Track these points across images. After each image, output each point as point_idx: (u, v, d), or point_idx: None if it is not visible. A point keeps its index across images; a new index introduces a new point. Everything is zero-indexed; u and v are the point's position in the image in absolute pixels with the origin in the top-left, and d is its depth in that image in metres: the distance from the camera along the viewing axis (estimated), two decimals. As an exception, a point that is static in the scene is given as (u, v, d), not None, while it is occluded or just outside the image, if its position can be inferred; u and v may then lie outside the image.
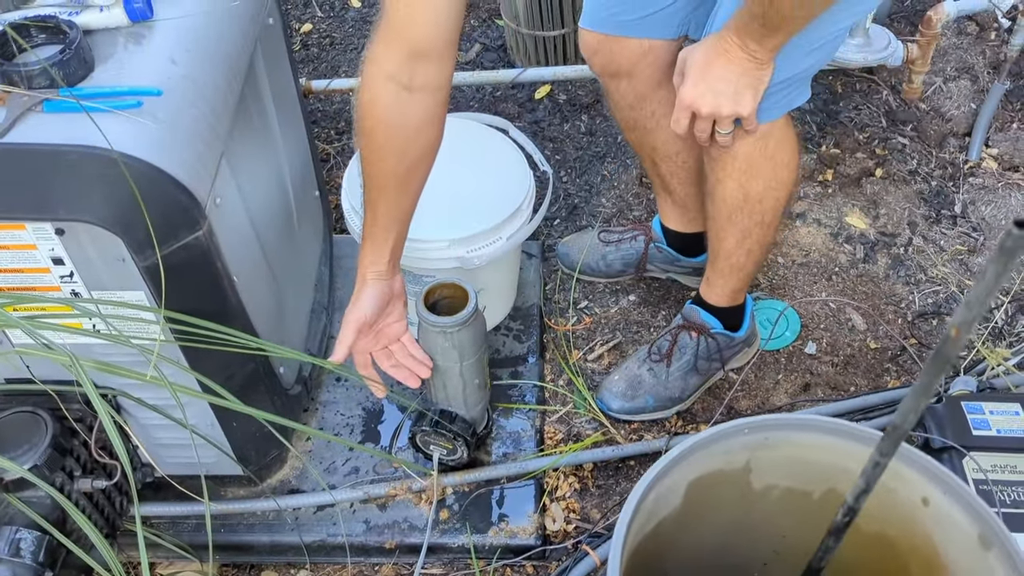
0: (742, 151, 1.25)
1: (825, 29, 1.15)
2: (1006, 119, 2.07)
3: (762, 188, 1.29)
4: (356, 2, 2.56)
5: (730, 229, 1.37)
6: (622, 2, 1.35)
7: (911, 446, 0.79)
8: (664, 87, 1.41)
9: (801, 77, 1.22)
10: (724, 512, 0.87)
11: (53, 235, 1.01)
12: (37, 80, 0.99)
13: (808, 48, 1.16)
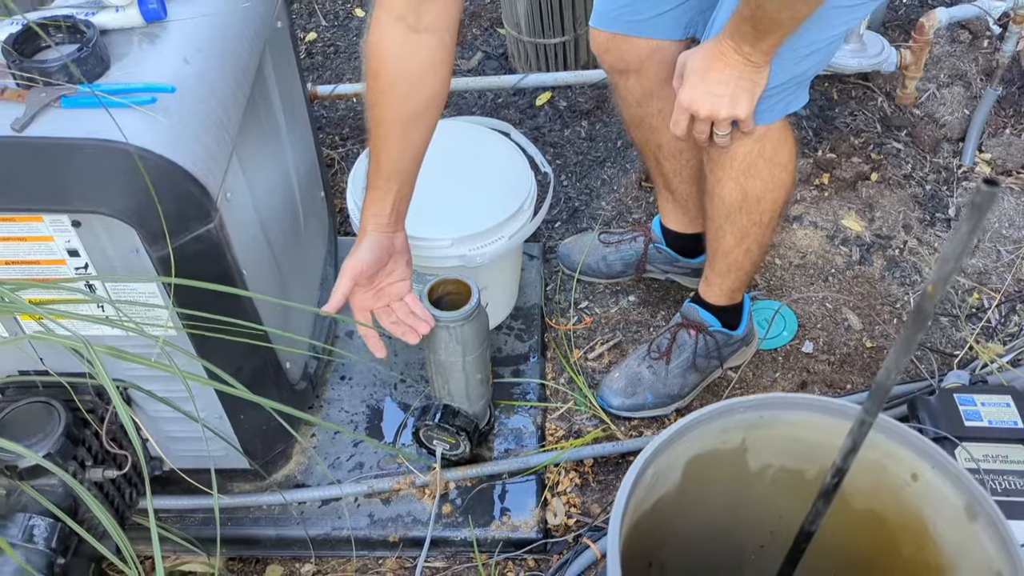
0: (741, 152, 1.29)
1: (819, 34, 1.19)
2: (999, 124, 2.11)
3: (760, 188, 1.32)
4: (360, 11, 2.60)
5: (729, 228, 1.40)
6: (632, 3, 1.39)
7: (912, 437, 0.82)
8: (671, 85, 1.44)
9: (797, 81, 1.25)
10: (721, 492, 0.90)
11: (69, 227, 1.04)
12: (55, 77, 1.03)
13: (802, 52, 1.20)
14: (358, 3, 2.64)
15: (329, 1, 2.66)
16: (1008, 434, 1.22)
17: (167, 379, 1.26)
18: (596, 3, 1.45)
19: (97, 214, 1.02)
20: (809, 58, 1.22)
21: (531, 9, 2.10)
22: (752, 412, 0.82)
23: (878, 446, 0.81)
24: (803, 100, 1.29)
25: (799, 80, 1.25)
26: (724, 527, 0.85)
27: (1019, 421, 1.23)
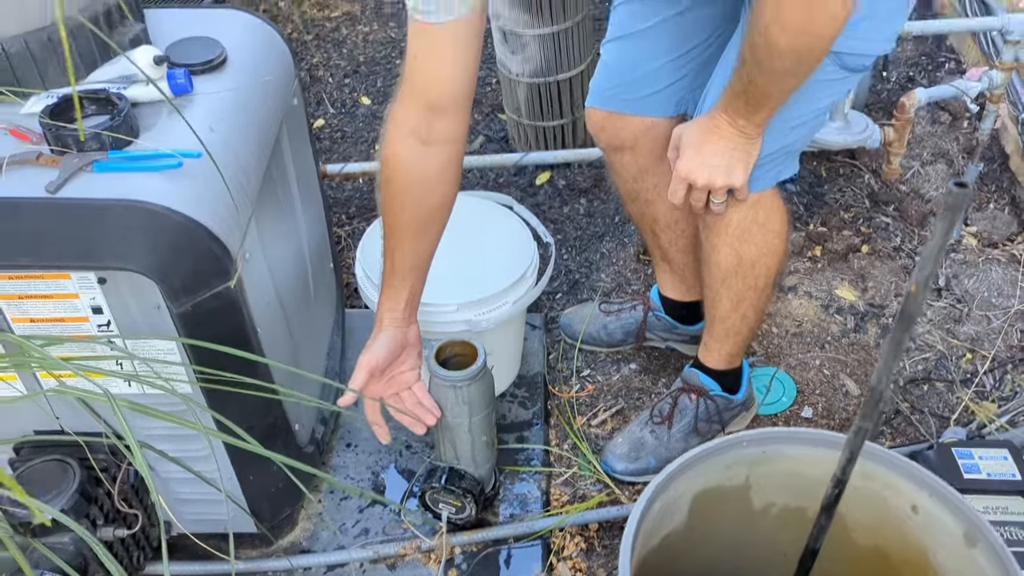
0: (735, 218, 1.35)
1: (805, 107, 1.26)
2: (983, 200, 2.19)
3: (754, 253, 1.38)
4: (366, 99, 2.72)
5: (725, 293, 1.45)
6: (626, 83, 1.47)
7: (909, 467, 0.85)
8: (665, 161, 1.51)
9: (787, 151, 1.33)
10: (727, 530, 0.92)
11: (95, 284, 1.09)
12: (88, 144, 1.09)
13: (791, 124, 1.27)
14: (364, 92, 2.76)
15: (336, 90, 2.78)
16: (1007, 486, 1.24)
17: (179, 439, 1.29)
18: (592, 84, 1.54)
19: (122, 271, 1.06)
20: (797, 129, 1.30)
21: (531, 94, 2.20)
22: (755, 447, 0.85)
23: (877, 477, 0.84)
24: (793, 169, 1.36)
25: (788, 150, 1.32)
26: (730, 567, 0.87)
27: (1017, 473, 1.25)
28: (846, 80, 1.24)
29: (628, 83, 1.48)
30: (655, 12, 1.42)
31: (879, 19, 1.17)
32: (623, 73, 1.48)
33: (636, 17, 1.43)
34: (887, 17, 1.18)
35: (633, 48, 1.45)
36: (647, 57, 1.45)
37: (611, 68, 1.50)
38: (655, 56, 1.44)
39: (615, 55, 1.48)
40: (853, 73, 1.22)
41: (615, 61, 1.49)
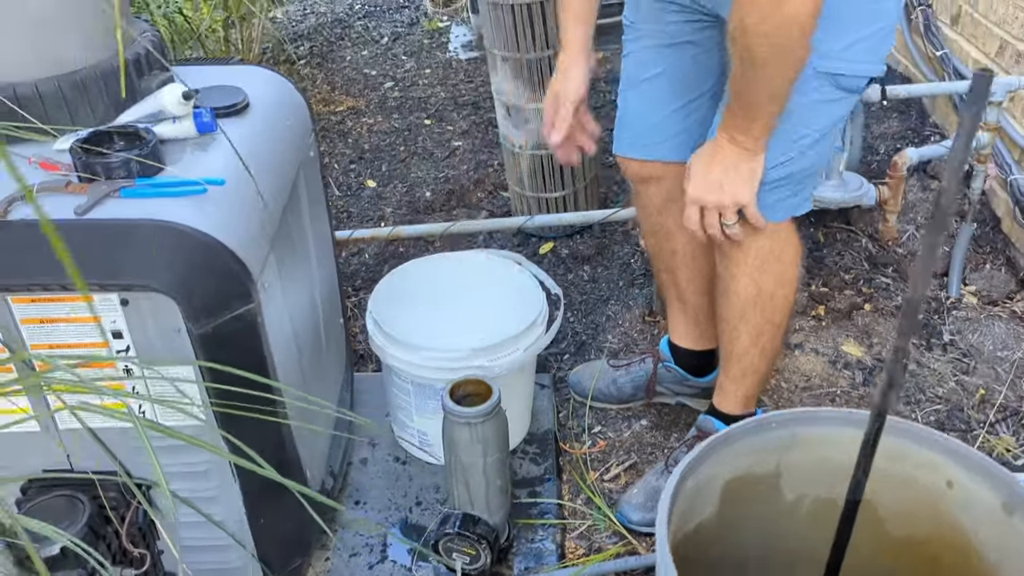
0: (753, 247, 1.38)
1: (806, 127, 1.30)
2: (979, 261, 2.23)
3: (772, 284, 1.40)
4: (371, 182, 2.80)
5: (743, 328, 1.46)
6: (639, 132, 1.54)
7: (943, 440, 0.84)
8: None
9: (797, 179, 1.35)
10: (759, 523, 0.90)
11: (118, 306, 1.10)
12: (116, 172, 1.13)
13: (797, 145, 1.31)
14: (369, 176, 2.84)
15: (343, 175, 2.86)
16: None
17: (190, 477, 1.27)
18: (615, 132, 1.60)
19: (145, 291, 1.08)
20: (805, 154, 1.33)
21: (533, 166, 2.27)
22: (784, 429, 0.85)
23: (908, 456, 0.83)
24: (806, 206, 1.40)
25: (798, 177, 1.35)
26: (761, 562, 0.85)
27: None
28: (843, 102, 1.29)
29: (641, 132, 1.54)
30: (656, 63, 1.49)
31: (872, 40, 1.23)
32: (635, 123, 1.54)
33: (642, 67, 1.50)
34: (880, 39, 1.25)
35: (641, 98, 1.52)
36: (654, 107, 1.51)
37: (624, 118, 1.56)
38: (662, 105, 1.51)
39: (627, 105, 1.55)
40: (849, 94, 1.27)
41: (627, 111, 1.55)
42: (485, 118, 3.07)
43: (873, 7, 1.24)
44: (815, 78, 1.23)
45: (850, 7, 1.21)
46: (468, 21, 3.83)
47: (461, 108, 3.18)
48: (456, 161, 2.85)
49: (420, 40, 3.84)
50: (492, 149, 2.86)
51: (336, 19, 4.19)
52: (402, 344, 1.56)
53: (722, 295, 1.45)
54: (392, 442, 1.78)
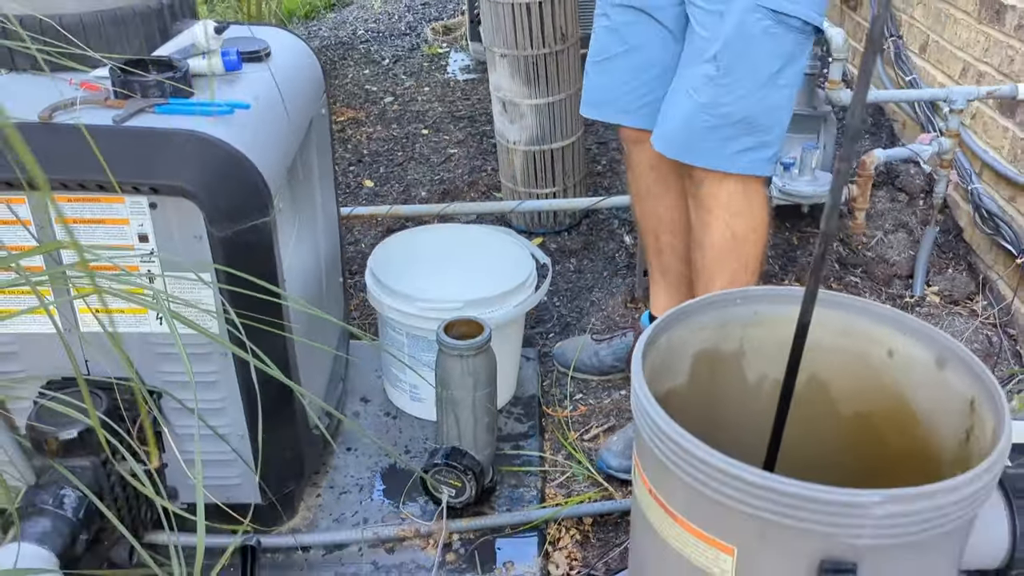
0: (724, 193, 1.50)
1: (760, 64, 1.42)
2: (942, 265, 2.36)
3: (745, 228, 1.52)
4: (369, 182, 2.92)
5: (719, 273, 1.57)
6: (614, 100, 1.66)
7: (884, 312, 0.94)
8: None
9: (759, 125, 1.46)
10: (725, 403, 1.00)
11: (146, 209, 1.20)
12: (151, 92, 1.24)
13: (750, 79, 1.43)
14: (367, 176, 2.96)
15: (342, 175, 2.98)
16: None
17: (198, 389, 1.35)
18: (595, 99, 1.71)
19: (173, 195, 1.18)
20: (764, 97, 1.44)
21: (526, 161, 2.40)
22: (746, 306, 0.95)
23: (856, 331, 0.94)
24: (767, 168, 1.52)
25: (760, 125, 1.46)
26: (733, 440, 0.94)
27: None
28: (788, 41, 1.41)
29: (615, 100, 1.66)
30: (624, 41, 1.62)
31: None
32: (623, 92, 1.65)
33: (613, 42, 1.63)
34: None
35: (630, 68, 1.64)
36: (640, 78, 1.64)
37: (612, 87, 1.66)
38: (646, 76, 1.63)
39: (616, 74, 1.65)
40: (791, 33, 1.40)
41: (615, 80, 1.66)
42: (481, 130, 3.22)
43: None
44: (756, 10, 1.37)
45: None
46: (467, 48, 4.01)
47: (458, 121, 3.33)
48: (451, 166, 2.98)
49: (420, 63, 4.01)
50: (487, 156, 2.99)
51: (340, 42, 4.37)
52: (399, 295, 1.66)
53: (698, 247, 1.57)
54: (384, 400, 1.86)
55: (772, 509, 0.71)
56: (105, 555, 1.26)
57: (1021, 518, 0.86)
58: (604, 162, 2.92)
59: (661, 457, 0.78)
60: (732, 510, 0.73)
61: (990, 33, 2.25)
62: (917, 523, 0.70)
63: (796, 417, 1.00)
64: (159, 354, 1.32)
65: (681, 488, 0.77)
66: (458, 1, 4.83)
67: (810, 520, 0.70)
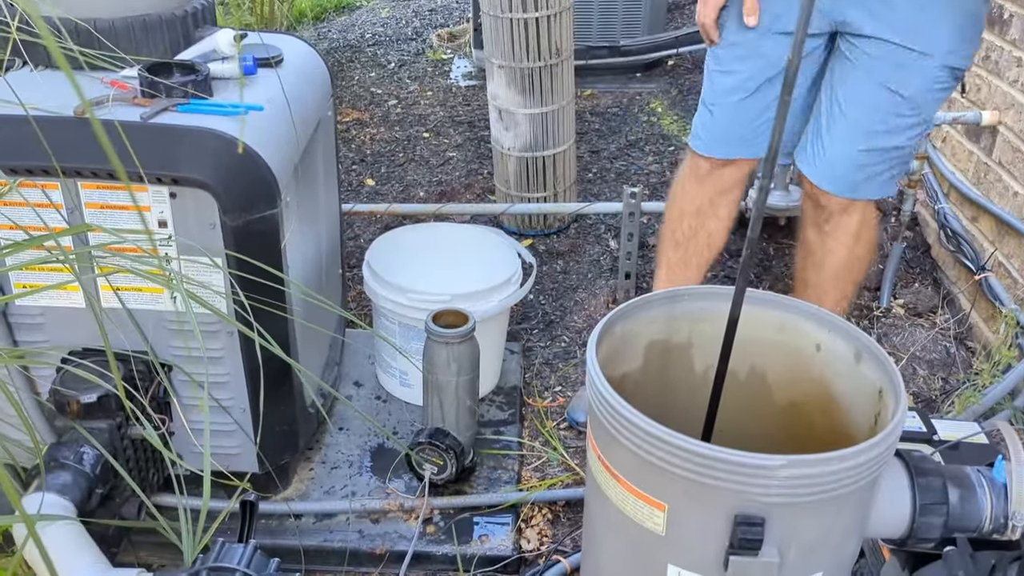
0: (853, 222, 1.66)
1: (926, 111, 1.56)
2: (910, 279, 2.50)
3: (863, 251, 1.69)
4: (370, 181, 3.05)
5: (832, 291, 1.73)
6: (724, 138, 1.74)
7: (813, 310, 1.07)
8: (745, 180, 1.80)
9: (904, 156, 1.61)
10: (676, 389, 1.13)
11: (167, 198, 1.33)
12: (175, 92, 1.37)
13: (911, 124, 1.56)
14: (369, 175, 3.09)
15: (345, 174, 3.11)
16: (915, 436, 1.46)
17: (205, 362, 1.48)
18: (703, 135, 1.78)
19: (191, 186, 1.31)
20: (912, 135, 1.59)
21: (520, 167, 2.54)
22: (694, 302, 1.08)
23: (788, 327, 1.07)
24: (893, 189, 1.67)
25: (904, 157, 1.62)
26: (678, 429, 1.06)
27: (923, 427, 1.47)
28: (950, 88, 1.56)
29: (721, 138, 1.74)
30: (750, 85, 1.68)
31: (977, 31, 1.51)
32: (719, 130, 1.73)
33: (737, 86, 1.69)
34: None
35: (729, 112, 1.70)
36: (739, 121, 1.71)
37: (713, 124, 1.73)
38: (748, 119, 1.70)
39: (716, 114, 1.72)
40: (954, 82, 1.55)
41: (717, 120, 1.72)
42: (479, 135, 3.35)
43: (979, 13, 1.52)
44: (941, 70, 1.50)
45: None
46: (470, 55, 4.14)
47: (458, 125, 3.46)
48: (449, 168, 3.11)
49: (424, 68, 4.15)
50: (483, 160, 3.13)
51: (348, 45, 4.50)
52: (392, 286, 1.79)
53: (817, 266, 1.71)
54: (375, 385, 2.00)
55: (694, 470, 0.84)
56: (116, 510, 1.39)
57: (921, 494, 0.99)
58: (595, 170, 3.05)
59: (607, 427, 0.91)
60: (663, 471, 0.86)
61: (960, 62, 2.39)
62: (816, 485, 0.83)
63: (737, 403, 1.14)
64: (171, 330, 1.45)
65: (623, 453, 0.90)
66: (464, 8, 4.98)
67: (725, 479, 0.83)
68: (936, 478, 0.99)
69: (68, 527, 1.18)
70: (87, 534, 1.21)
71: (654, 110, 3.57)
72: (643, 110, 3.58)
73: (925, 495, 0.98)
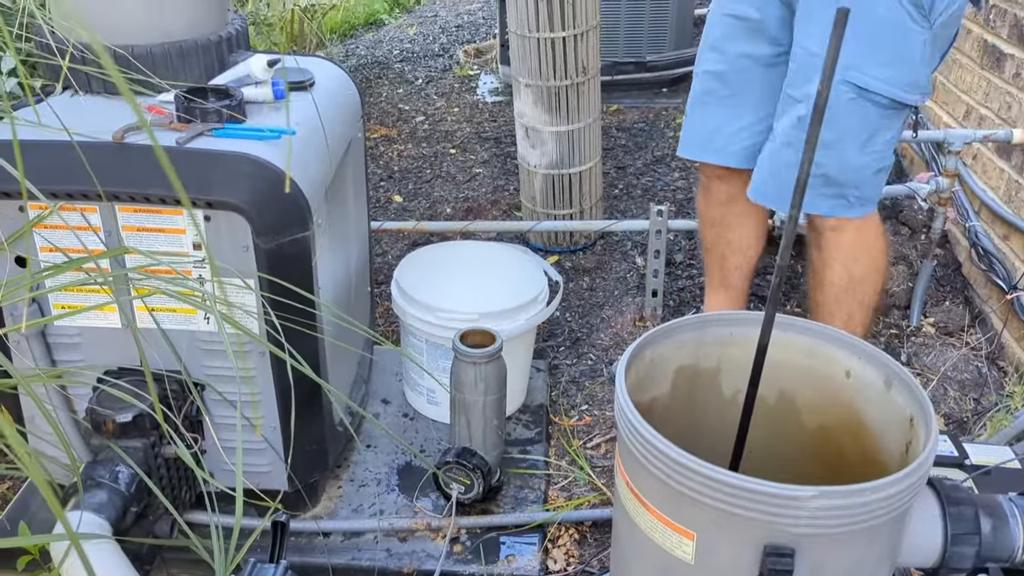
0: (844, 239, 1.64)
1: (853, 134, 1.56)
2: (940, 297, 2.47)
3: (863, 271, 1.66)
4: (398, 197, 3.08)
5: (837, 312, 1.71)
6: (711, 139, 1.80)
7: (843, 337, 1.07)
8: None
9: (845, 182, 1.60)
10: (708, 413, 1.13)
11: (201, 221, 1.35)
12: (210, 117, 1.40)
13: (839, 148, 1.57)
14: (396, 192, 3.12)
15: (373, 190, 3.14)
16: (947, 460, 1.44)
17: (237, 383, 1.50)
18: (692, 138, 1.87)
19: (225, 209, 1.33)
20: (844, 156, 1.58)
21: (546, 185, 2.55)
22: (723, 328, 1.09)
23: (818, 352, 1.07)
24: (853, 212, 1.66)
25: (845, 183, 1.61)
26: (706, 454, 1.07)
27: (954, 451, 1.46)
28: (873, 114, 1.55)
29: (718, 140, 1.81)
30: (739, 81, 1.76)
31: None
32: (713, 133, 1.79)
33: (724, 84, 1.77)
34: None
35: (722, 112, 1.77)
36: (733, 121, 1.78)
37: (703, 127, 1.81)
38: (739, 119, 1.77)
39: (706, 116, 1.80)
40: (876, 108, 1.54)
41: (706, 122, 1.80)
42: (505, 151, 3.37)
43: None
44: (842, 83, 1.52)
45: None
46: (496, 71, 4.17)
47: (484, 141, 3.49)
48: (476, 184, 3.13)
49: (451, 84, 4.18)
50: (509, 176, 3.15)
51: (376, 61, 4.55)
52: (420, 304, 1.81)
53: (817, 284, 1.71)
54: (403, 402, 2.01)
55: (723, 500, 0.84)
56: (149, 528, 1.41)
57: (953, 523, 0.98)
58: (621, 186, 3.06)
59: (636, 455, 0.92)
60: (693, 500, 0.86)
61: (991, 79, 2.37)
62: (847, 516, 0.83)
63: (767, 427, 1.14)
64: (204, 350, 1.47)
65: (652, 481, 0.91)
66: (490, 24, 5.01)
67: (755, 510, 0.83)
68: (968, 507, 0.99)
69: (105, 546, 1.20)
70: (123, 553, 1.23)
71: (680, 125, 3.57)
72: (669, 125, 3.59)
73: (957, 525, 0.98)
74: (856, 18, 1.50)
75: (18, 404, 1.50)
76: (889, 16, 1.50)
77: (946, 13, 1.52)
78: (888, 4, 1.49)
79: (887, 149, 1.62)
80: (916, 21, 1.51)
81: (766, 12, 1.68)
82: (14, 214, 1.36)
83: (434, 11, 5.56)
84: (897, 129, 1.63)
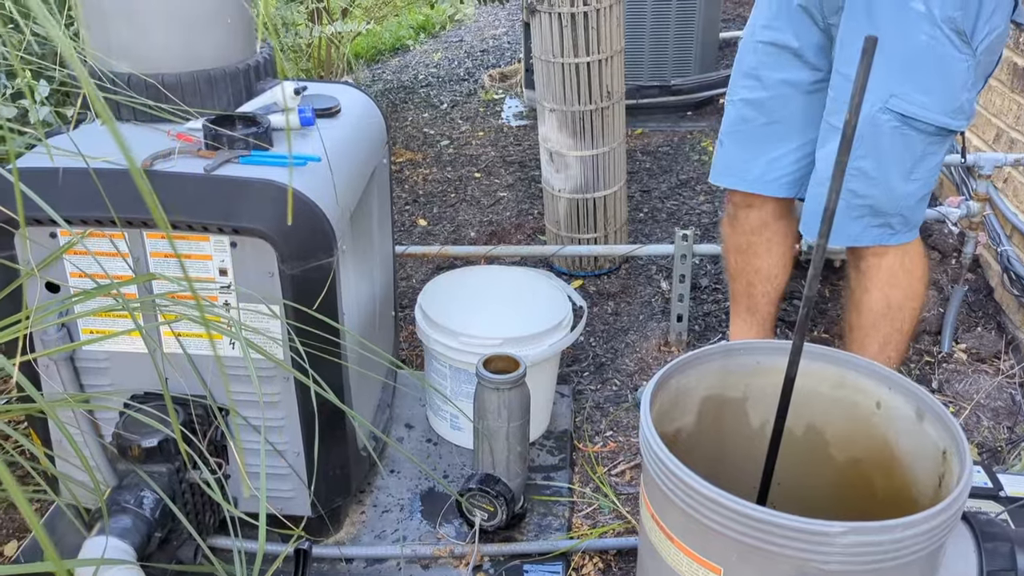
0: (885, 265, 1.63)
1: (898, 162, 1.56)
2: (972, 323, 2.43)
3: (901, 297, 1.65)
4: (423, 221, 3.09)
5: (874, 336, 1.70)
6: (743, 166, 1.79)
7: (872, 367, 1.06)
8: (783, 219, 1.81)
9: (889, 211, 1.60)
10: (733, 442, 1.11)
11: (227, 247, 1.36)
12: (237, 144, 1.41)
13: (884, 177, 1.57)
14: (421, 216, 3.13)
15: (398, 214, 3.16)
16: (981, 492, 1.41)
17: (262, 408, 1.50)
18: (726, 167, 1.85)
19: (251, 236, 1.34)
20: (891, 185, 1.58)
21: (570, 209, 2.55)
22: (749, 356, 1.07)
23: (847, 382, 1.05)
24: (896, 239, 1.65)
25: (889, 212, 1.61)
26: (732, 485, 1.05)
27: (988, 481, 1.43)
28: (918, 141, 1.55)
29: (748, 169, 1.80)
30: (773, 112, 1.75)
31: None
32: (744, 161, 1.79)
33: (759, 113, 1.76)
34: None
35: (753, 142, 1.77)
36: (764, 151, 1.77)
37: (735, 156, 1.80)
38: (772, 149, 1.76)
39: (737, 146, 1.79)
40: (921, 135, 1.54)
41: (737, 151, 1.79)
42: (530, 175, 3.38)
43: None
44: (884, 112, 1.53)
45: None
46: (521, 95, 4.19)
47: (509, 165, 3.50)
48: (500, 208, 3.14)
49: (476, 108, 4.20)
50: (534, 200, 3.15)
51: (402, 86, 4.59)
52: (444, 330, 1.81)
53: (854, 308, 1.69)
54: (426, 427, 2.00)
55: (752, 535, 0.82)
56: (173, 553, 1.41)
57: (988, 559, 0.95)
58: (646, 210, 3.05)
59: (661, 487, 0.91)
60: (719, 534, 0.85)
61: (1021, 102, 2.34)
62: (878, 553, 0.81)
63: (795, 459, 1.12)
64: (228, 375, 1.48)
65: (678, 514, 0.89)
66: (515, 49, 5.04)
67: (783, 545, 0.81)
68: (1004, 543, 0.96)
69: (129, 572, 1.20)
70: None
71: (705, 148, 3.56)
72: (694, 149, 3.58)
73: (992, 561, 0.95)
74: (897, 46, 1.50)
75: (47, 428, 1.51)
76: (931, 43, 1.49)
77: (988, 39, 1.51)
78: (930, 32, 1.48)
79: (932, 175, 1.61)
80: (958, 48, 1.50)
81: (804, 39, 1.67)
82: (46, 240, 1.38)
83: (459, 36, 5.62)
84: (941, 155, 1.62)
